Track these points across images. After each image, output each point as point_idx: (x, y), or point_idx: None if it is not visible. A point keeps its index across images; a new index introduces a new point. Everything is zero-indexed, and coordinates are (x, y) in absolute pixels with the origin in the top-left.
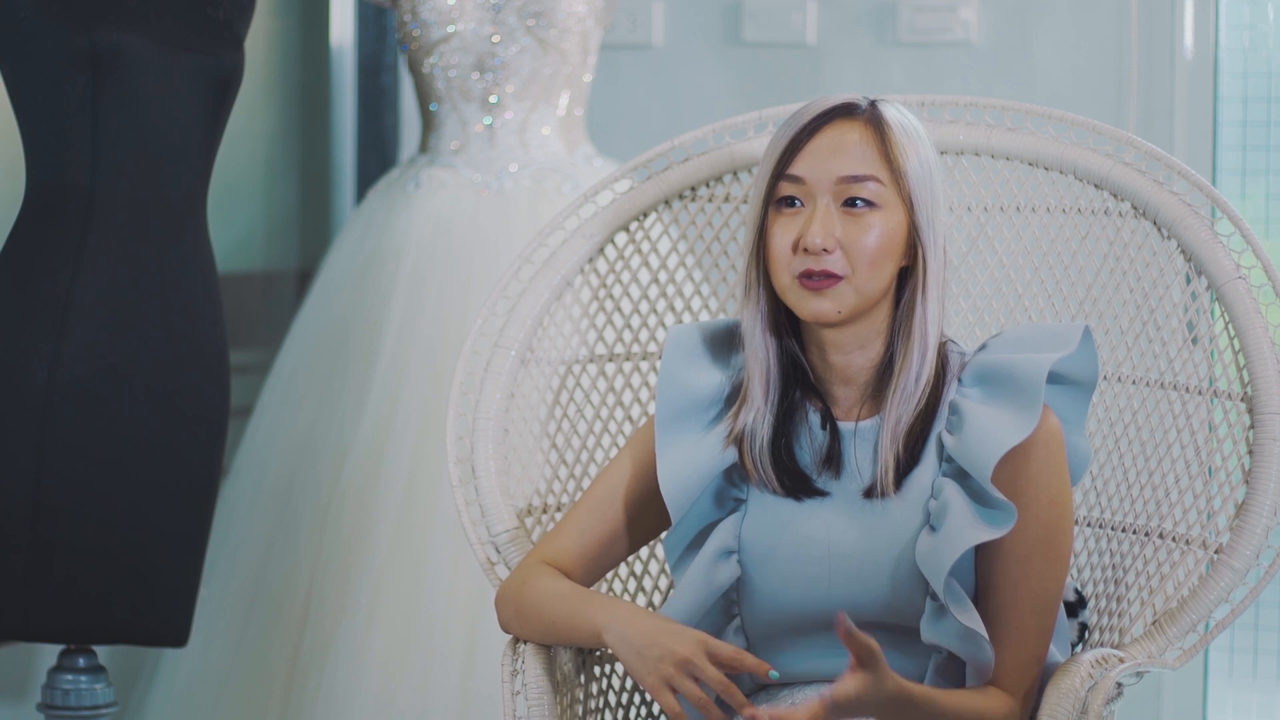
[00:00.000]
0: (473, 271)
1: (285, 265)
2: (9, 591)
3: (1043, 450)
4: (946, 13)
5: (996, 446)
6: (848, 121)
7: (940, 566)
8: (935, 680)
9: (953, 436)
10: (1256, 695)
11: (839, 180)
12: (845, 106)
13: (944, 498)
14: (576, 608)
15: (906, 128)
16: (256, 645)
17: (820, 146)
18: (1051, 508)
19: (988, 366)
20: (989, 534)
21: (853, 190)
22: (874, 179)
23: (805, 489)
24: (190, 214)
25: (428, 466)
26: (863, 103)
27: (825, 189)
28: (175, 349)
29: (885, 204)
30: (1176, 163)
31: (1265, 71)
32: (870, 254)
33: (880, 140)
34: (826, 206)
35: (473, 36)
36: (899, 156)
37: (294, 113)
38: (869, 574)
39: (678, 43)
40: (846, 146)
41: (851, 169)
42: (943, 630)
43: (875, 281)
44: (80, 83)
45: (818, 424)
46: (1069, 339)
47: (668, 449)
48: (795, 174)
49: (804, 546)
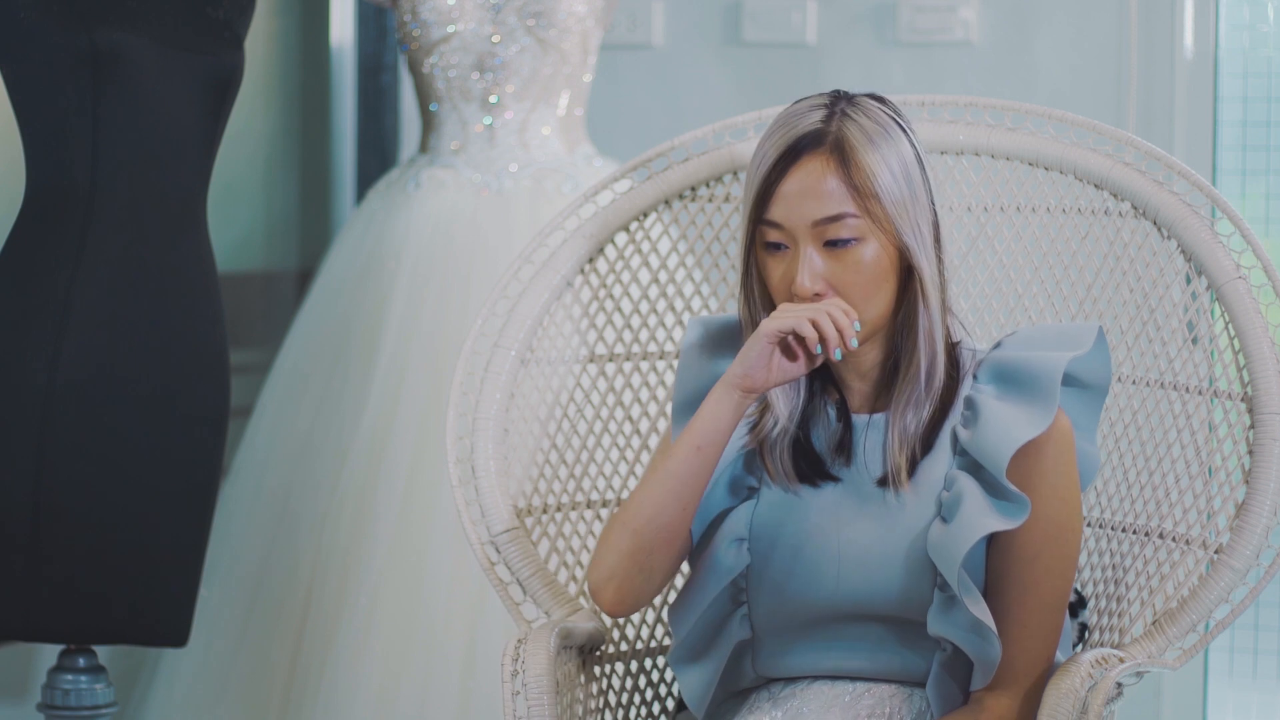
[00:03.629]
0: (473, 271)
1: (285, 265)
2: (9, 591)
3: (1054, 448)
4: (946, 13)
5: (1012, 440)
6: (813, 157)
7: (954, 556)
8: (939, 676)
9: (967, 430)
10: (1256, 695)
11: (814, 225)
12: (811, 137)
13: (957, 488)
14: (690, 426)
15: (873, 137)
16: (256, 645)
17: (791, 191)
18: (1060, 505)
19: (1004, 363)
20: (1003, 524)
21: (830, 232)
22: (849, 215)
23: (819, 472)
24: (190, 214)
25: (428, 466)
26: (828, 126)
27: (804, 234)
28: (175, 349)
29: (865, 233)
30: (1176, 163)
31: (1265, 71)
32: (861, 287)
33: (846, 170)
34: (809, 251)
35: (473, 36)
36: (867, 181)
37: (294, 113)
38: (877, 565)
39: (678, 43)
40: (816, 188)
41: (824, 211)
42: (951, 622)
43: (874, 309)
44: (80, 83)
45: (834, 415)
46: (1084, 339)
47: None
48: (773, 219)
49: (813, 536)
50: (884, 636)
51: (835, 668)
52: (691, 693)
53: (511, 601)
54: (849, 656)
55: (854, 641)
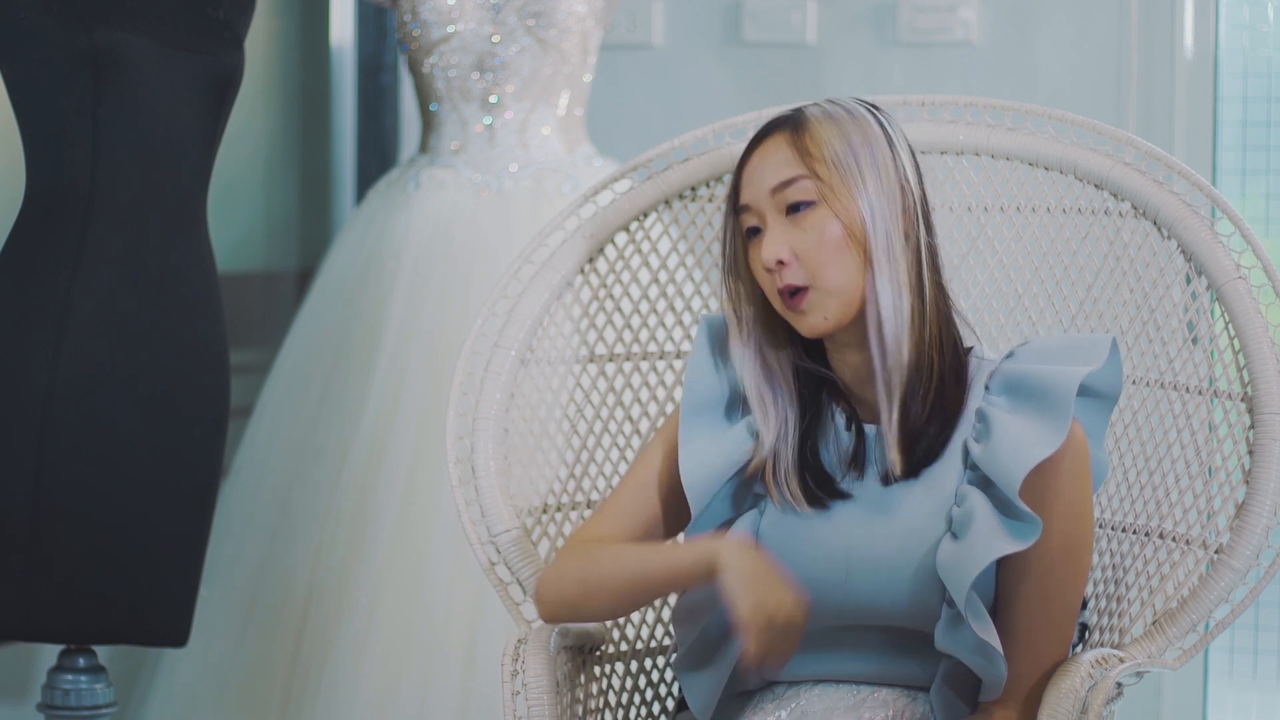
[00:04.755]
0: (473, 271)
1: (285, 265)
2: (9, 591)
3: (1069, 464)
4: (946, 13)
5: (1026, 459)
6: (772, 138)
7: (963, 579)
8: (943, 688)
9: (979, 445)
10: (1256, 695)
11: (772, 192)
12: (777, 121)
13: (968, 505)
14: (670, 553)
15: (833, 115)
16: (256, 645)
17: (753, 168)
18: (1074, 521)
19: (1017, 376)
20: (1014, 546)
21: (787, 196)
22: (799, 178)
23: (829, 491)
24: (190, 214)
25: (428, 466)
26: (796, 112)
27: (767, 207)
28: (175, 349)
29: (823, 197)
30: (1176, 163)
31: (1265, 71)
32: (823, 253)
33: (798, 137)
34: (774, 222)
35: (473, 36)
36: (816, 145)
37: (294, 113)
38: (886, 576)
39: (678, 43)
40: (771, 159)
41: (777, 177)
42: (957, 640)
43: (841, 277)
44: (80, 83)
45: (843, 426)
46: (1098, 352)
47: (690, 441)
48: (743, 203)
49: (822, 546)
50: (890, 644)
51: (841, 672)
52: (697, 700)
53: (511, 601)
54: (855, 662)
55: (860, 648)
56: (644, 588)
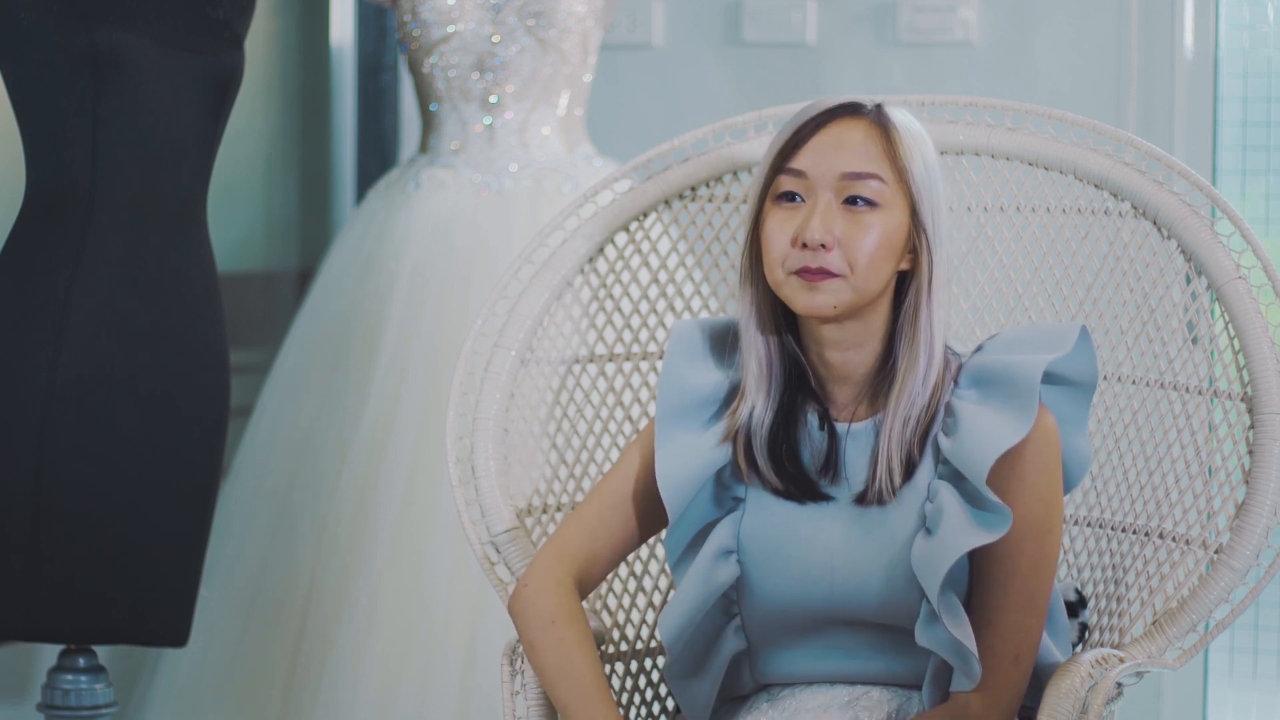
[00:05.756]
0: (473, 271)
1: (285, 265)
2: (9, 591)
3: (1034, 448)
4: (946, 13)
5: (992, 449)
6: (853, 119)
7: (935, 574)
8: (934, 679)
9: (949, 439)
10: (1256, 695)
11: (842, 176)
12: (851, 105)
13: (939, 501)
14: (593, 709)
15: (912, 130)
16: (256, 645)
17: (824, 142)
18: (1040, 505)
19: (984, 368)
20: (984, 538)
21: (855, 188)
22: (877, 177)
23: (810, 493)
24: (190, 214)
25: (428, 466)
26: (868, 103)
27: (827, 184)
28: (175, 349)
29: (886, 204)
30: (1176, 163)
31: (1265, 71)
32: (869, 254)
33: (885, 139)
34: (828, 203)
35: (473, 36)
36: (904, 156)
37: (294, 113)
38: (866, 574)
39: (678, 43)
40: (851, 143)
41: (855, 165)
42: (935, 637)
43: (873, 282)
44: (80, 83)
45: (816, 425)
46: (1065, 339)
47: (666, 446)
48: (797, 168)
49: (804, 546)
50: (882, 643)
51: (833, 672)
52: (691, 708)
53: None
54: (846, 661)
55: (850, 647)
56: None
